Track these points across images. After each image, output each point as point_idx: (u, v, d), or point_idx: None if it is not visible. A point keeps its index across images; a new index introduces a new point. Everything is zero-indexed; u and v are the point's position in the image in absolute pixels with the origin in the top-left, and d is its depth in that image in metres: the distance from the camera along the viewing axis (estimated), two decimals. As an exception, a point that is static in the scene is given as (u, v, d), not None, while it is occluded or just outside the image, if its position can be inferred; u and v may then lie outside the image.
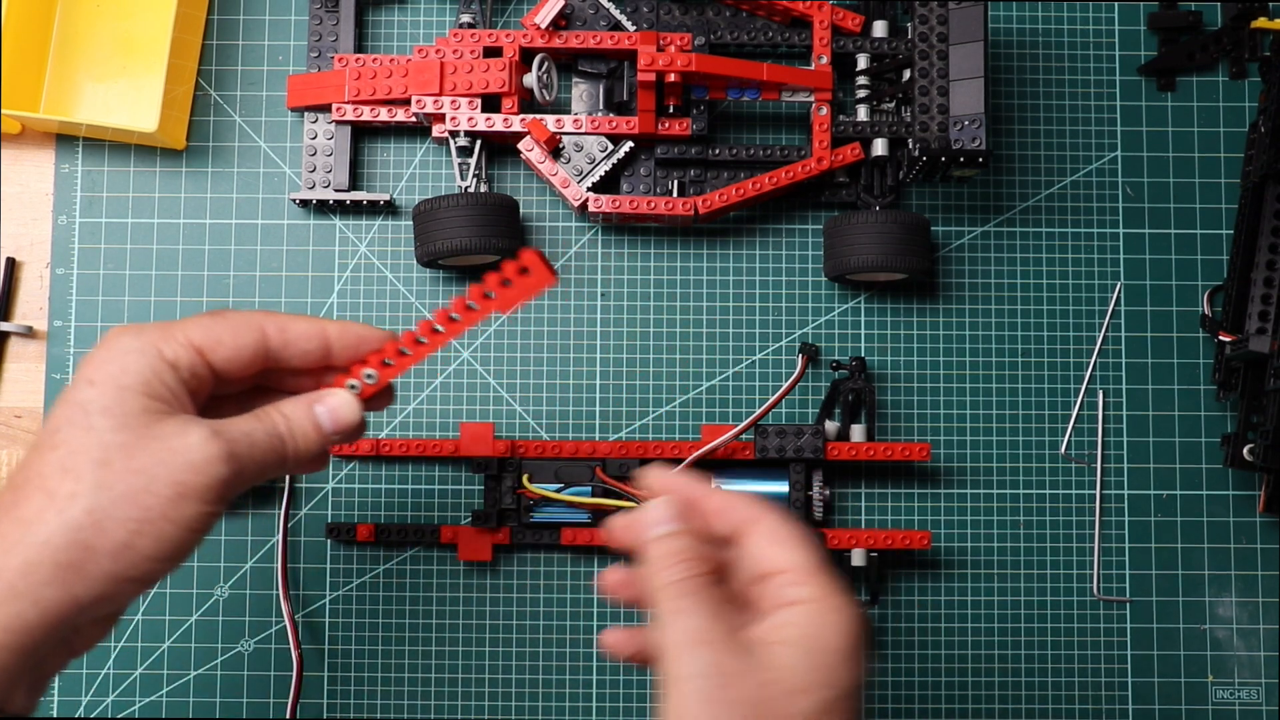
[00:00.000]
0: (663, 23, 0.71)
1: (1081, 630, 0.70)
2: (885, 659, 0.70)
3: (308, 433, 0.47)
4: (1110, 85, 0.74)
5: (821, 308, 0.72)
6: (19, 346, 0.72)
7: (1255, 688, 0.70)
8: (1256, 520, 0.71)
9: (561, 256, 0.72)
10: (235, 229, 0.72)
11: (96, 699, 0.69)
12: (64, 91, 0.72)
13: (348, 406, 0.48)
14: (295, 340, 0.47)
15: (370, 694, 0.69)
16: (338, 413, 0.48)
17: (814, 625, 0.44)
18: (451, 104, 0.69)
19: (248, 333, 0.46)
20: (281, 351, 0.47)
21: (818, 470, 0.68)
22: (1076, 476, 0.71)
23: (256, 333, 0.46)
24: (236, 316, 0.47)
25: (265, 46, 0.73)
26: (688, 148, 0.70)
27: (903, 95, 0.69)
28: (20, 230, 0.72)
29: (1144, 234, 0.73)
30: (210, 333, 0.46)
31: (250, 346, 0.46)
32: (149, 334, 0.45)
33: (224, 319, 0.46)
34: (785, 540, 0.46)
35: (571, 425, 0.71)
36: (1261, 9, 0.72)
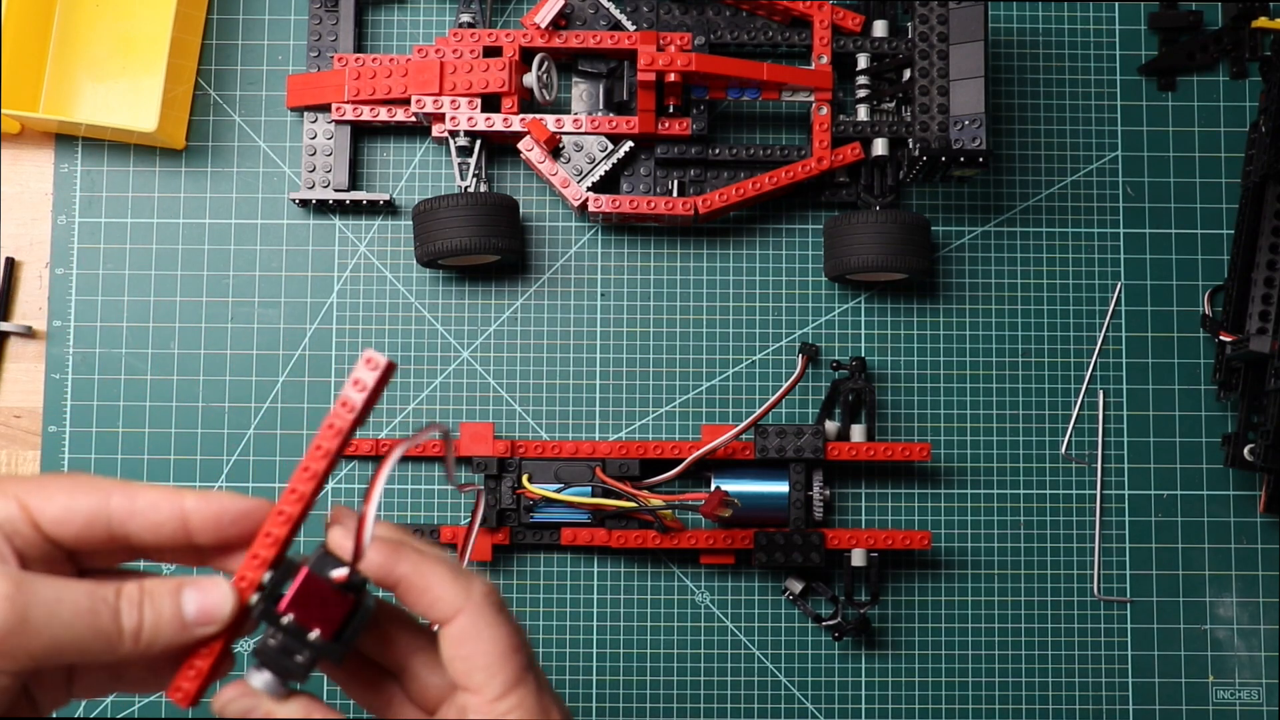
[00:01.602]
0: (663, 22, 0.71)
1: (1081, 630, 0.70)
2: (885, 659, 0.70)
3: (162, 611, 0.40)
4: (1111, 85, 0.74)
5: (821, 308, 0.72)
6: (18, 346, 0.72)
7: (1255, 688, 0.70)
8: (1257, 520, 0.71)
9: (561, 256, 0.72)
10: (235, 229, 0.72)
11: (96, 699, 0.69)
12: (63, 91, 0.72)
13: (221, 593, 0.40)
14: (143, 510, 0.40)
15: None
16: (208, 597, 0.40)
17: None
18: (451, 104, 0.68)
19: (87, 494, 0.40)
20: (128, 522, 0.40)
21: (818, 470, 0.68)
22: (1076, 476, 0.71)
23: (97, 494, 0.40)
24: (82, 478, 0.41)
25: (265, 46, 0.73)
26: (688, 148, 0.70)
27: (903, 95, 0.69)
28: (20, 230, 0.72)
29: (1144, 234, 0.73)
30: (44, 489, 0.40)
31: (86, 508, 0.40)
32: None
33: (68, 477, 0.41)
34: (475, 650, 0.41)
35: (571, 425, 0.71)
36: (1262, 9, 0.72)
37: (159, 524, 0.40)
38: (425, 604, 0.41)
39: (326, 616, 0.41)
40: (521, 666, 0.41)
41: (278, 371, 0.71)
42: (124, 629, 0.39)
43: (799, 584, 0.70)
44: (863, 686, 0.70)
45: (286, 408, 0.71)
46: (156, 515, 0.40)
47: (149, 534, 0.40)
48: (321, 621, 0.40)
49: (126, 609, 0.39)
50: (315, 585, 0.40)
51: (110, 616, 0.39)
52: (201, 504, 0.40)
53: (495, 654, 0.40)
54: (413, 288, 0.72)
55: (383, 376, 0.41)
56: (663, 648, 0.70)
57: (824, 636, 0.70)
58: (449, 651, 0.41)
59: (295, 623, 0.40)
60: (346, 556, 0.40)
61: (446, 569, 0.41)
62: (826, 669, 0.70)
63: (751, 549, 0.66)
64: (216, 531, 0.40)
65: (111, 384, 0.71)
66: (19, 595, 0.37)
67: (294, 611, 0.40)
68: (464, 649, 0.40)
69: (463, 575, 0.41)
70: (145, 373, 0.71)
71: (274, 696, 0.41)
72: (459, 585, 0.41)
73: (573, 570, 0.70)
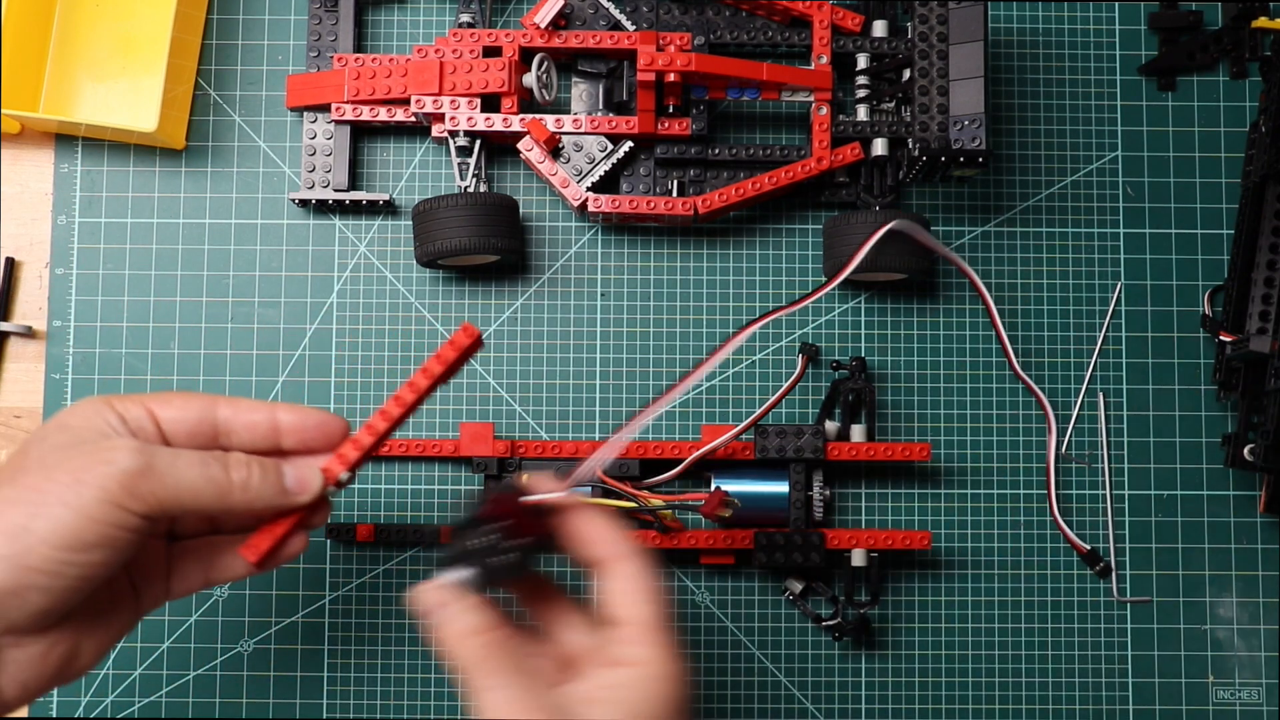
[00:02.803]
0: (662, 22, 0.71)
1: (1081, 630, 0.70)
2: (885, 659, 0.70)
3: (267, 473, 0.48)
4: (1111, 85, 0.74)
5: (821, 308, 0.72)
6: (18, 347, 0.72)
7: (1256, 688, 0.70)
8: (1257, 520, 0.71)
9: (561, 256, 0.72)
10: (235, 229, 0.72)
11: (96, 699, 0.69)
12: (63, 91, 0.72)
13: (313, 471, 0.49)
14: (244, 412, 0.49)
15: (370, 694, 0.69)
16: (302, 471, 0.49)
17: (637, 692, 0.46)
18: (451, 104, 0.68)
19: (197, 399, 0.49)
20: (231, 421, 0.49)
21: (818, 470, 0.68)
22: (1076, 476, 0.71)
23: (205, 400, 0.49)
24: (195, 393, 0.50)
25: (265, 46, 0.73)
26: (687, 148, 0.70)
27: (902, 95, 0.69)
28: (20, 230, 0.72)
29: (1144, 234, 0.73)
30: (160, 396, 0.49)
31: (196, 409, 0.48)
32: (106, 395, 0.48)
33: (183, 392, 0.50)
34: (633, 591, 0.48)
35: (571, 425, 0.71)
36: (1262, 9, 0.72)
37: (255, 424, 0.49)
38: (599, 540, 0.49)
39: (524, 532, 0.49)
40: (664, 613, 0.48)
41: (278, 371, 0.71)
42: (234, 480, 0.47)
43: (799, 584, 0.70)
44: (863, 686, 0.70)
45: (286, 408, 0.71)
46: (254, 417, 0.49)
47: (246, 434, 0.49)
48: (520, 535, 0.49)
49: (235, 464, 0.47)
50: (514, 505, 0.49)
51: (220, 469, 0.47)
52: (291, 413, 0.49)
53: (651, 592, 0.48)
54: (413, 288, 0.72)
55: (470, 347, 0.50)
56: (663, 648, 0.70)
57: (824, 636, 0.70)
58: (608, 587, 0.49)
59: (499, 531, 0.49)
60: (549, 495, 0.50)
61: (614, 523, 0.50)
62: (826, 669, 0.70)
63: (751, 549, 0.66)
64: (300, 435, 0.49)
65: (112, 384, 0.71)
66: (144, 449, 0.45)
67: (500, 521, 0.49)
68: (627, 583, 0.48)
69: (623, 533, 0.50)
70: (145, 373, 0.71)
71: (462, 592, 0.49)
72: (623, 539, 0.49)
73: (572, 570, 0.70)
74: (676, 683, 0.47)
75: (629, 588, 0.48)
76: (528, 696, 0.45)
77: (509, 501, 0.49)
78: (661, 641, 0.47)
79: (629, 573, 0.48)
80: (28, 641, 0.45)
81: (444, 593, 0.49)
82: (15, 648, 0.45)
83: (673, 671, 0.47)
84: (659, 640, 0.47)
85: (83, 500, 0.43)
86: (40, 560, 0.43)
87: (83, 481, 0.43)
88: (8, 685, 0.45)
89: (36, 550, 0.43)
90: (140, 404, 0.48)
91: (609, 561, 0.49)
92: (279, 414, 0.49)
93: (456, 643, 0.47)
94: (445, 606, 0.48)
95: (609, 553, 0.49)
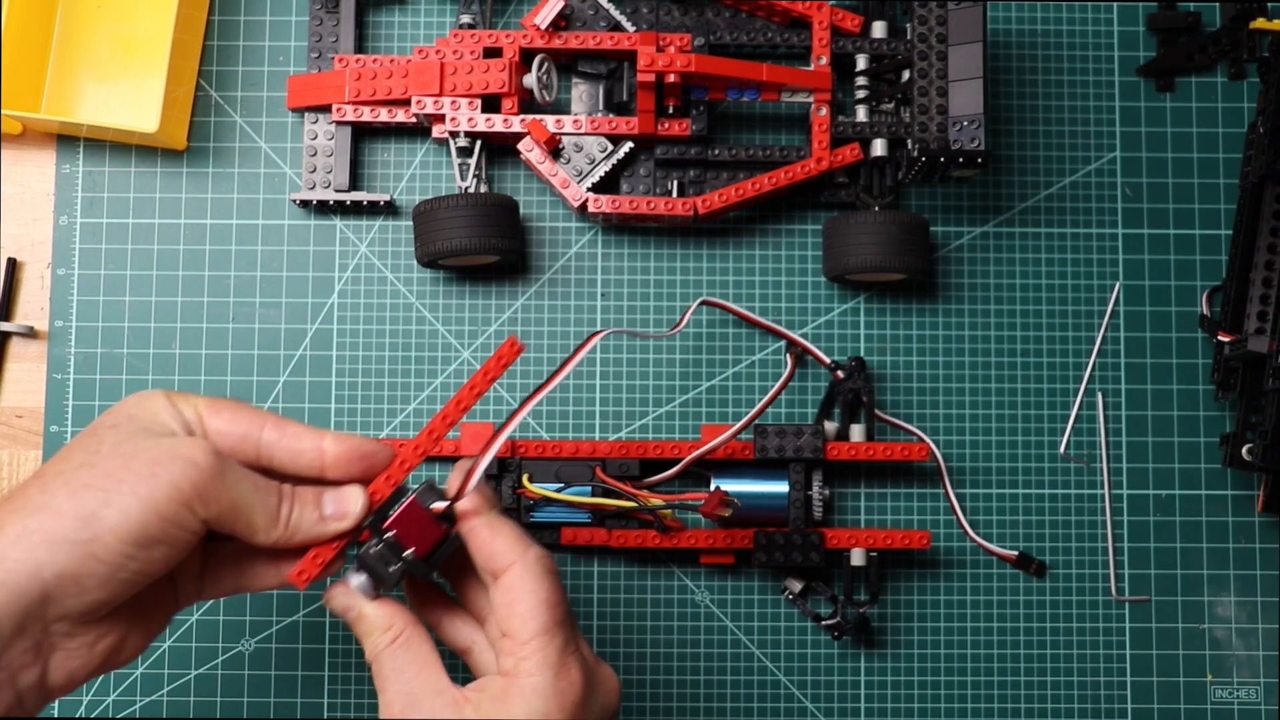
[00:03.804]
0: (662, 23, 0.71)
1: (1080, 630, 0.71)
2: (885, 659, 0.70)
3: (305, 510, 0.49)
4: (1109, 86, 0.74)
5: (821, 308, 0.72)
6: (20, 347, 0.72)
7: (1254, 687, 0.70)
8: (1255, 520, 0.71)
9: (561, 257, 0.72)
10: (236, 229, 0.72)
11: (97, 699, 0.69)
12: (65, 92, 0.72)
13: (355, 496, 0.50)
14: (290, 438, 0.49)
15: (370, 694, 0.70)
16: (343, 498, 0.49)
17: (511, 703, 0.47)
18: (451, 104, 0.69)
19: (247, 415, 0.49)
20: (274, 446, 0.49)
21: (817, 470, 0.68)
22: (1076, 476, 0.72)
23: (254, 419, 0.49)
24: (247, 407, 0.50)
25: (266, 47, 0.73)
26: (687, 148, 0.70)
27: (902, 96, 0.69)
28: (21, 230, 0.72)
29: (1143, 234, 0.73)
30: (214, 403, 0.49)
31: (243, 425, 0.49)
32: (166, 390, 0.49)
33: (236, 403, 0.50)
34: (516, 600, 0.48)
35: (572, 425, 0.71)
36: (1260, 10, 0.72)
37: (300, 453, 0.49)
38: (487, 553, 0.49)
39: (422, 539, 0.49)
40: (553, 622, 0.48)
41: (279, 371, 0.71)
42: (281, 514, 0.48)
43: (799, 583, 0.70)
44: (862, 686, 0.70)
45: (288, 407, 0.71)
46: (299, 444, 0.49)
47: (289, 461, 0.49)
48: (417, 541, 0.49)
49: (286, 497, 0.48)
50: (417, 512, 0.50)
51: (275, 499, 0.48)
52: (338, 443, 0.49)
53: (532, 605, 0.48)
54: (413, 288, 0.72)
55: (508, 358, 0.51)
56: (663, 647, 0.70)
57: (823, 636, 0.70)
58: (497, 597, 0.48)
59: (396, 538, 0.49)
60: (450, 494, 0.50)
61: (513, 531, 0.50)
62: (826, 668, 0.70)
63: (751, 549, 0.67)
64: (346, 466, 0.49)
65: (113, 384, 0.71)
66: (219, 456, 0.46)
67: (397, 528, 0.49)
68: (508, 596, 0.48)
69: (524, 540, 0.49)
70: (147, 373, 0.71)
71: (366, 596, 0.50)
72: (518, 545, 0.49)
73: (573, 570, 0.70)
74: (552, 697, 0.47)
75: (514, 598, 0.48)
76: (406, 701, 0.47)
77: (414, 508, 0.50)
78: (541, 654, 0.47)
79: (515, 582, 0.48)
80: (79, 631, 0.45)
81: (348, 597, 0.50)
82: (67, 636, 0.45)
83: (548, 685, 0.47)
84: (538, 652, 0.47)
85: (155, 494, 0.44)
86: (104, 550, 0.43)
87: (158, 475, 0.44)
88: (55, 673, 0.45)
89: (103, 539, 0.43)
90: (194, 407, 0.48)
91: (499, 572, 0.49)
92: (325, 444, 0.49)
93: (363, 643, 0.49)
94: (349, 610, 0.50)
95: (499, 563, 0.49)
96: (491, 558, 0.49)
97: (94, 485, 0.44)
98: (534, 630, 0.47)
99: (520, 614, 0.48)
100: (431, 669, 0.48)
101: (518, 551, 0.49)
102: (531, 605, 0.48)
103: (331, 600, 0.51)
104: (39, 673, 0.45)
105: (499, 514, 0.50)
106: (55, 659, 0.45)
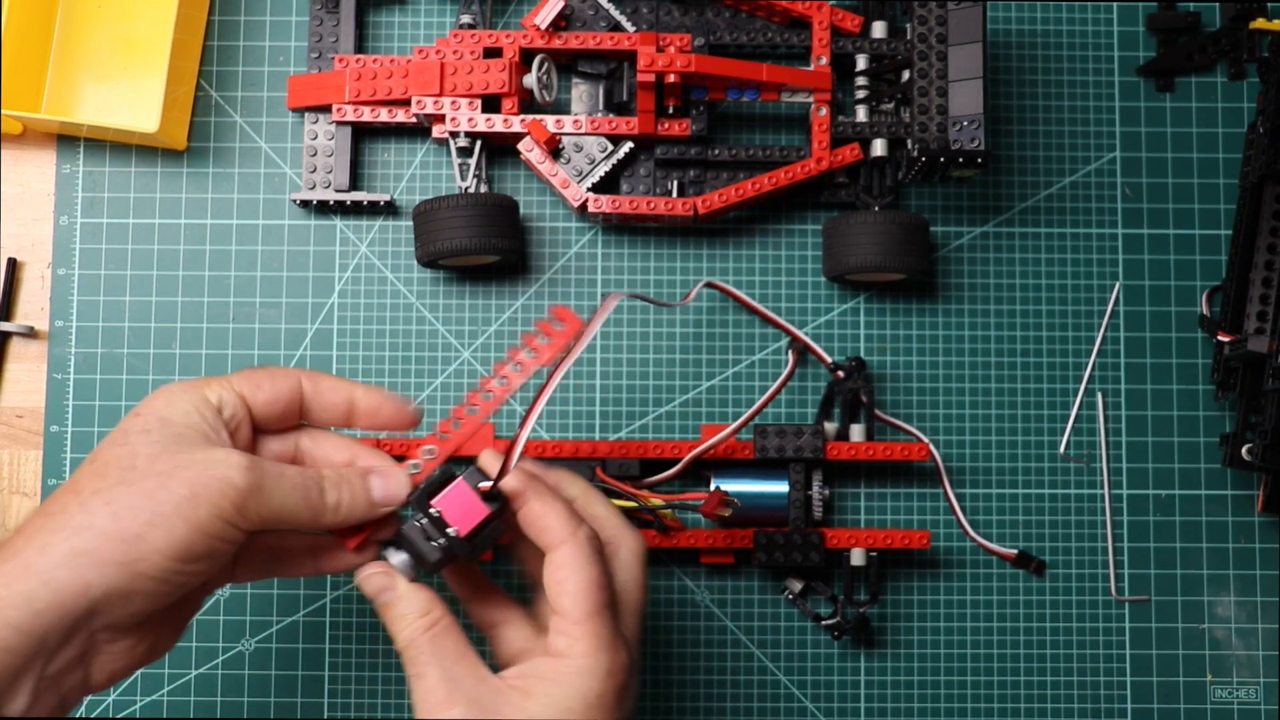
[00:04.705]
0: (662, 23, 0.71)
1: (1080, 630, 0.71)
2: (885, 659, 0.70)
3: (355, 492, 0.49)
4: (1109, 86, 0.74)
5: (821, 308, 0.72)
6: (20, 347, 0.72)
7: (1254, 687, 0.70)
8: (1255, 520, 0.71)
9: (561, 257, 0.73)
10: (236, 229, 0.72)
11: (98, 698, 0.69)
12: (65, 92, 0.72)
13: (399, 481, 0.50)
14: (324, 392, 0.51)
15: (370, 694, 0.70)
16: (389, 483, 0.50)
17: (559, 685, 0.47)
18: (451, 105, 0.69)
19: (285, 380, 0.50)
20: (312, 401, 0.51)
21: (817, 470, 0.68)
22: (1076, 476, 0.72)
23: (293, 381, 0.51)
24: (277, 369, 0.51)
25: (266, 47, 0.73)
26: (687, 148, 0.70)
27: (902, 96, 0.69)
28: (22, 230, 0.72)
29: (1142, 234, 0.73)
30: (251, 379, 0.50)
31: (287, 392, 0.50)
32: (196, 381, 0.49)
33: (266, 370, 0.51)
34: (567, 579, 0.48)
35: (572, 425, 0.71)
36: (1260, 10, 0.72)
37: (334, 405, 0.51)
38: (538, 530, 0.49)
39: (466, 519, 0.49)
40: (603, 602, 0.48)
41: (279, 371, 0.71)
42: (328, 503, 0.48)
43: (799, 583, 0.70)
44: (862, 686, 0.70)
45: (287, 408, 0.71)
46: (334, 397, 0.51)
47: (324, 413, 0.51)
48: (461, 521, 0.49)
49: (330, 488, 0.49)
50: (464, 491, 0.49)
51: (318, 493, 0.48)
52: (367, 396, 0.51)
53: (583, 584, 0.47)
54: (413, 288, 0.72)
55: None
56: (663, 647, 0.70)
57: (823, 636, 0.70)
58: (548, 576, 0.48)
59: (441, 516, 0.49)
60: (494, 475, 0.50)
61: (563, 508, 0.49)
62: (826, 668, 0.70)
63: (751, 549, 0.67)
64: (372, 418, 0.51)
65: (114, 384, 0.71)
66: (254, 468, 0.46)
67: (442, 507, 0.49)
68: (559, 574, 0.48)
69: (574, 518, 0.49)
70: (147, 373, 0.71)
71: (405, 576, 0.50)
72: (569, 524, 0.49)
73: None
74: (605, 678, 0.47)
75: (564, 577, 0.48)
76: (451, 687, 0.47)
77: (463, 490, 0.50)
78: (595, 634, 0.47)
79: (566, 561, 0.48)
80: (121, 637, 0.46)
81: (386, 577, 0.50)
82: (110, 642, 0.46)
83: (602, 666, 0.47)
84: (591, 633, 0.47)
85: (198, 515, 0.44)
86: (152, 568, 0.44)
87: (198, 496, 0.44)
88: (97, 674, 0.46)
89: (150, 559, 0.44)
90: (233, 391, 0.49)
91: (551, 548, 0.49)
92: (356, 394, 0.51)
93: (396, 626, 0.49)
94: (386, 590, 0.50)
95: (552, 539, 0.49)
96: (542, 533, 0.49)
97: (136, 506, 0.44)
98: (586, 611, 0.47)
99: (571, 593, 0.47)
100: (470, 656, 0.48)
101: (569, 530, 0.49)
102: (583, 585, 0.47)
103: (368, 581, 0.50)
104: (82, 675, 0.46)
105: (548, 491, 0.50)
106: (98, 662, 0.46)
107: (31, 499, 0.71)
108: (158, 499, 0.44)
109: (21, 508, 0.71)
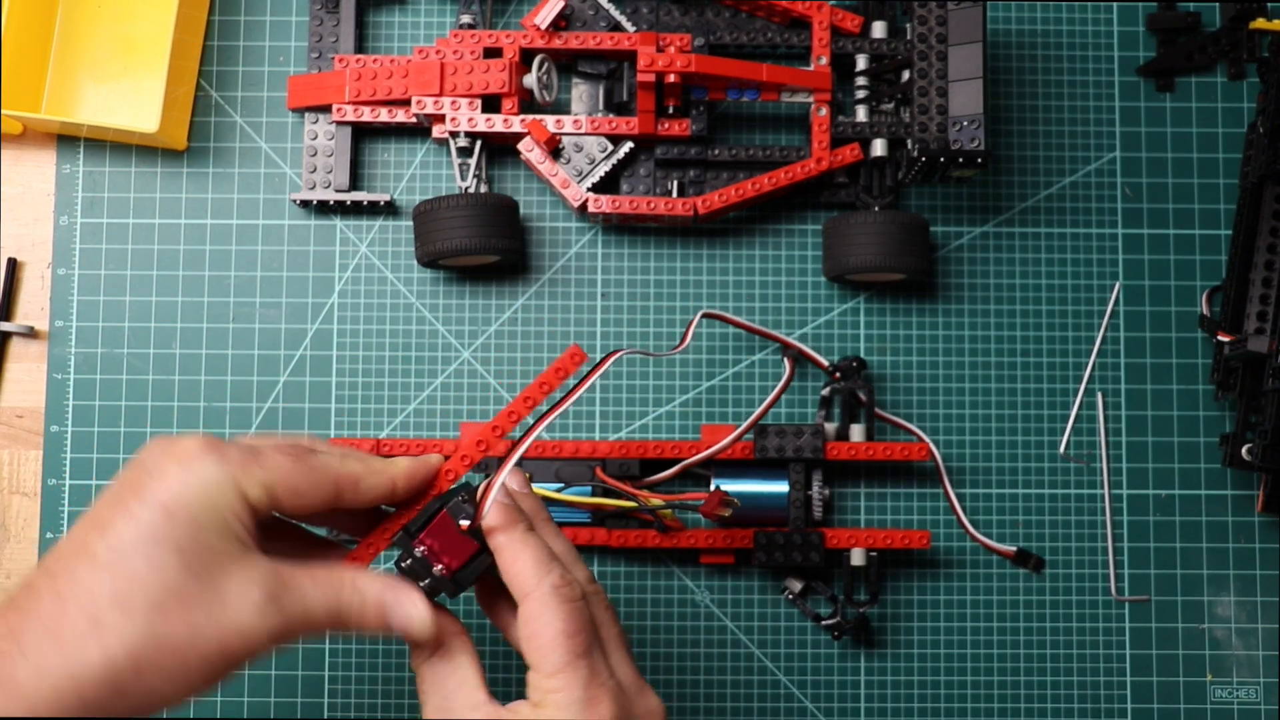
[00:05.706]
0: (662, 23, 0.71)
1: (1080, 630, 0.71)
2: (885, 659, 0.70)
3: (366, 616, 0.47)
4: (1109, 86, 0.74)
5: (820, 308, 0.72)
6: (20, 347, 0.72)
7: (1254, 687, 0.70)
8: (1255, 520, 0.71)
9: (561, 257, 0.73)
10: (236, 229, 0.72)
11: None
12: (65, 92, 0.72)
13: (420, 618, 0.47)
14: (363, 493, 0.48)
15: (370, 694, 0.70)
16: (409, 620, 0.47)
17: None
18: (451, 105, 0.69)
19: (324, 487, 0.46)
20: (351, 501, 0.48)
21: (817, 470, 0.68)
22: (1076, 476, 0.72)
23: (331, 488, 0.47)
24: (318, 466, 0.47)
25: (266, 47, 0.73)
26: (687, 148, 0.70)
27: (902, 96, 0.69)
28: (22, 230, 0.72)
29: (1142, 234, 0.73)
30: (289, 480, 0.45)
31: (322, 501, 0.47)
32: (233, 466, 0.44)
33: (305, 466, 0.46)
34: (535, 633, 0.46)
35: (572, 425, 0.71)
36: (1260, 10, 0.72)
37: (375, 498, 0.48)
38: (509, 577, 0.47)
39: (451, 555, 0.48)
40: (574, 652, 0.46)
41: (279, 371, 0.71)
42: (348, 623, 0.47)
43: (799, 583, 0.70)
44: (862, 686, 0.70)
45: (288, 407, 0.71)
46: (371, 495, 0.48)
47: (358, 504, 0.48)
48: (446, 558, 0.48)
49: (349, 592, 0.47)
50: (447, 526, 0.48)
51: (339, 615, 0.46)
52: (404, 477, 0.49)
53: (549, 636, 0.46)
54: (413, 288, 0.72)
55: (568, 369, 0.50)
56: (663, 647, 0.70)
57: (823, 636, 0.70)
58: (520, 629, 0.47)
59: (424, 554, 0.48)
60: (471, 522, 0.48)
61: (533, 555, 0.47)
62: (826, 668, 0.70)
63: (751, 549, 0.67)
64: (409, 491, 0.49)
65: (114, 384, 0.71)
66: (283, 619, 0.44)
67: (426, 544, 0.48)
68: (527, 628, 0.46)
69: (544, 564, 0.47)
70: (147, 373, 0.71)
71: None
72: (537, 572, 0.47)
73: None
74: None
75: (533, 631, 0.46)
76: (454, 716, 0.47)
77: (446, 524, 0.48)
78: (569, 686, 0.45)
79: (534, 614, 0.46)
80: None
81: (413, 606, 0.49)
82: None
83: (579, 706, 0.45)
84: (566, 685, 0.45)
85: (220, 673, 0.43)
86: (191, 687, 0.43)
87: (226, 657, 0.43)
88: None
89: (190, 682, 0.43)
90: (268, 494, 0.45)
91: (520, 600, 0.47)
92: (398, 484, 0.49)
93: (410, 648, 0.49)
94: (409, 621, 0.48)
95: (520, 589, 0.47)
96: (512, 582, 0.47)
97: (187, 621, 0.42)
98: (555, 665, 0.46)
99: (539, 648, 0.46)
100: (469, 685, 0.47)
101: (535, 579, 0.47)
102: (550, 638, 0.46)
103: None
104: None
105: (527, 532, 0.48)
106: None
107: (31, 499, 0.71)
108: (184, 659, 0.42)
109: (21, 508, 0.71)
